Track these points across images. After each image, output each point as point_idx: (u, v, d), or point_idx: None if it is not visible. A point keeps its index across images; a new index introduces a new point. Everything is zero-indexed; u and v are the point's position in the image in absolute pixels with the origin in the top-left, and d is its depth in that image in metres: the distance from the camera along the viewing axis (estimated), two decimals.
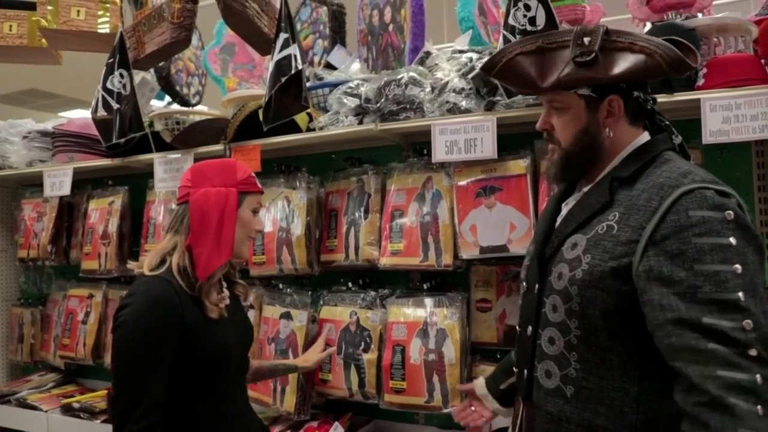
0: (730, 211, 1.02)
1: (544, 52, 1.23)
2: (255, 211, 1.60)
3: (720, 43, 1.75)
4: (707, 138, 1.55)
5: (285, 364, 1.91)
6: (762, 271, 1.03)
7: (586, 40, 1.16)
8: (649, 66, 1.12)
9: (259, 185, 1.62)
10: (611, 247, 1.10)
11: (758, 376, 0.94)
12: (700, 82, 1.66)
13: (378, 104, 1.96)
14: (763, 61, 1.66)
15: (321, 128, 2.09)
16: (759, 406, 0.93)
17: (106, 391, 2.53)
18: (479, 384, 1.64)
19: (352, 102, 2.04)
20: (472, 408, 1.66)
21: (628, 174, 1.16)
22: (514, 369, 1.35)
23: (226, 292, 1.59)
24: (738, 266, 0.99)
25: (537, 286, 1.25)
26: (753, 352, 0.95)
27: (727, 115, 1.54)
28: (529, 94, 1.43)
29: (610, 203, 1.15)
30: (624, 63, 1.13)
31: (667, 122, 1.24)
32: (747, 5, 2.86)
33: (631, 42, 1.13)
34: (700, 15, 2.01)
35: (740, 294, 0.97)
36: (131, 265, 1.52)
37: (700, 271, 1.00)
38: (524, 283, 1.33)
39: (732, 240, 1.00)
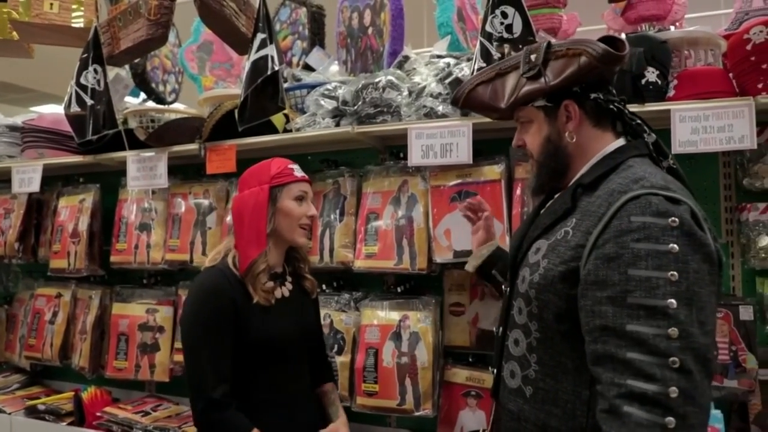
0: (675, 218, 1.01)
1: (501, 76, 1.32)
2: (299, 199, 1.66)
3: (691, 56, 1.80)
4: (676, 148, 1.58)
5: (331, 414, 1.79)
6: (710, 281, 1.03)
7: (533, 57, 1.24)
8: (582, 65, 1.17)
9: (299, 174, 1.67)
10: (563, 251, 1.12)
11: (673, 389, 0.94)
12: (671, 93, 1.69)
13: (355, 107, 1.96)
14: (731, 74, 1.70)
15: (298, 129, 2.09)
16: (669, 418, 0.93)
17: (73, 393, 2.48)
18: (486, 246, 1.67)
19: (329, 104, 2.04)
20: (484, 214, 1.70)
21: (589, 181, 1.18)
22: (490, 367, 1.38)
23: (289, 286, 1.70)
24: (674, 273, 0.98)
25: (509, 289, 1.29)
26: (674, 363, 0.95)
27: (696, 126, 1.58)
28: (496, 118, 1.47)
29: (571, 210, 1.17)
30: (562, 68, 1.20)
31: (639, 121, 1.26)
32: (718, 20, 2.93)
33: (567, 48, 1.20)
34: (672, 28, 2.06)
35: (670, 301, 0.97)
36: (197, 264, 1.70)
37: (633, 276, 1.00)
38: (504, 287, 1.38)
39: (672, 246, 1.00)
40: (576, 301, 1.08)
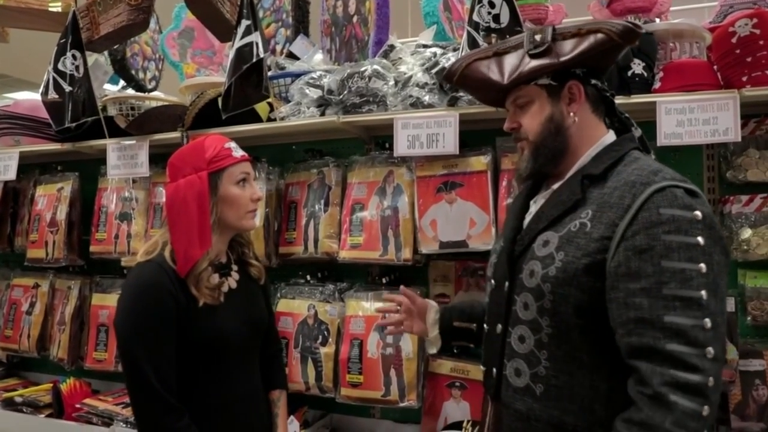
0: (698, 212, 1.04)
1: (500, 55, 1.29)
2: (243, 182, 1.51)
3: (676, 48, 1.80)
4: (662, 140, 1.59)
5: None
6: (725, 271, 1.06)
7: (538, 37, 1.22)
8: (600, 41, 1.16)
9: (238, 153, 1.51)
10: (584, 244, 1.10)
11: (710, 378, 0.97)
12: (657, 85, 1.70)
13: (341, 96, 1.94)
14: (715, 67, 1.71)
15: (282, 119, 2.06)
16: (706, 407, 0.96)
17: (51, 385, 2.44)
18: (432, 308, 1.54)
19: (314, 93, 2.01)
20: (403, 315, 1.55)
21: (599, 171, 1.17)
22: (482, 367, 1.33)
23: (235, 276, 1.56)
24: (703, 265, 1.01)
25: (507, 284, 1.23)
26: (710, 353, 0.98)
27: (681, 118, 1.58)
28: (492, 103, 1.43)
29: (582, 201, 1.16)
30: (576, 45, 1.18)
31: (626, 115, 1.27)
32: (702, 13, 2.94)
33: (578, 28, 1.19)
34: (658, 20, 2.06)
35: (703, 292, 1.00)
36: (126, 261, 1.51)
37: (666, 268, 1.02)
38: (492, 281, 1.31)
39: (700, 239, 1.02)
40: (600, 294, 1.08)
